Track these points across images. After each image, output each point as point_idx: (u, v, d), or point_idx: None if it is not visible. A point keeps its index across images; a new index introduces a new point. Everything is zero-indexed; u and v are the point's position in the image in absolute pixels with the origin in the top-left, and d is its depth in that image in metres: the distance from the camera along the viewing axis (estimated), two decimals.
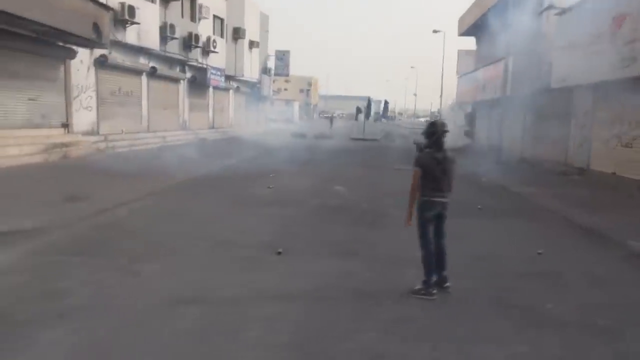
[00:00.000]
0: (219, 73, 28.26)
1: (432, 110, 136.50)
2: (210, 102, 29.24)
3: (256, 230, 7.51)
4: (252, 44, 34.57)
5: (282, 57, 43.34)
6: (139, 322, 4.14)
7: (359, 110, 41.13)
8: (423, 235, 5.20)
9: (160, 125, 22.27)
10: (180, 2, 22.56)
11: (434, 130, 5.22)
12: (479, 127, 28.73)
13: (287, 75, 47.56)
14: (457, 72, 32.37)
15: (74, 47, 15.41)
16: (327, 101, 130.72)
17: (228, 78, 30.65)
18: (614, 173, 13.39)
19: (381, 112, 56.27)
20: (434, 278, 5.09)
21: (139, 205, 9.10)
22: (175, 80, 24.03)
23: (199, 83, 26.36)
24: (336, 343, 3.87)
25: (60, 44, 14.86)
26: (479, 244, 7.33)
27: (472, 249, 6.96)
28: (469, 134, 30.45)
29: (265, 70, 39.40)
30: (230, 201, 9.91)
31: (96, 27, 14.25)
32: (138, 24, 18.38)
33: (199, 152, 19.17)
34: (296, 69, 42.51)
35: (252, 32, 33.97)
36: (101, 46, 15.46)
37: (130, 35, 18.56)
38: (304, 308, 4.59)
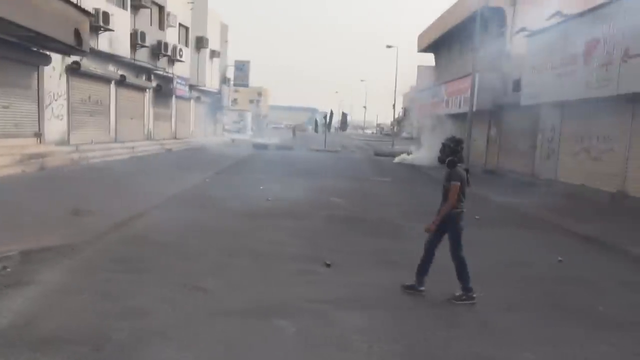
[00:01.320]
0: (183, 82, 27.75)
1: (378, 122, 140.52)
2: (173, 111, 28.62)
3: (286, 243, 7.54)
4: (213, 54, 34.19)
5: (242, 67, 43.08)
6: (241, 337, 4.14)
7: (316, 122, 41.60)
8: (459, 245, 5.43)
9: (127, 135, 21.57)
10: (149, 10, 22.06)
11: (462, 147, 5.58)
12: (438, 140, 29.83)
13: (247, 86, 47.32)
14: (417, 87, 33.53)
15: (49, 54, 14.75)
16: (273, 112, 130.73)
17: (190, 88, 30.14)
18: (583, 184, 14.41)
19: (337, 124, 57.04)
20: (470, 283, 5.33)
21: (150, 218, 8.86)
22: (142, 89, 23.39)
23: (163, 92, 25.75)
24: (444, 349, 4.06)
25: (35, 49, 14.17)
26: (498, 252, 7.76)
27: (495, 257, 7.38)
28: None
29: (224, 80, 39.02)
30: (237, 213, 9.83)
31: (77, 33, 13.72)
32: (112, 30, 17.82)
33: (172, 164, 18.79)
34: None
35: (213, 41, 33.60)
36: (81, 53, 14.88)
37: (102, 43, 17.95)
38: (392, 317, 4.74)
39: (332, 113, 33.79)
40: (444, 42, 27.90)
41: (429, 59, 34.01)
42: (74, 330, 4.09)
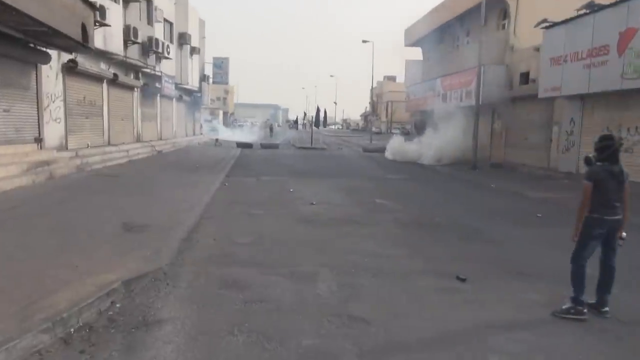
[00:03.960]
0: (170, 80, 26.40)
1: (344, 117, 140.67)
2: (158, 111, 27.17)
3: (389, 255, 6.76)
4: (193, 50, 32.78)
5: (221, 64, 41.63)
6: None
7: (297, 119, 40.91)
8: (581, 251, 4.87)
9: (119, 137, 20.18)
10: (138, 4, 20.69)
11: (610, 144, 4.87)
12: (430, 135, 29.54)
13: (227, 83, 45.93)
14: (405, 81, 33.26)
15: (47, 50, 13.40)
16: (238, 109, 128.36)
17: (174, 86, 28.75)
18: None
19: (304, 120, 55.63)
20: (584, 297, 4.78)
21: (211, 231, 8.00)
22: (131, 89, 21.93)
23: (150, 91, 24.36)
24: None
25: (32, 45, 12.81)
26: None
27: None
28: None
29: (203, 78, 37.57)
30: (296, 220, 9.10)
31: (83, 28, 12.48)
32: (109, 26, 16.48)
33: (174, 167, 17.72)
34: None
35: (194, 37, 32.22)
36: (86, 50, 13.58)
37: (97, 39, 16.53)
38: (599, 341, 4.18)
39: (318, 110, 32.88)
40: (437, 36, 27.66)
41: (411, 53, 33.78)
42: None
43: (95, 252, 6.20)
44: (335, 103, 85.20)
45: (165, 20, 25.70)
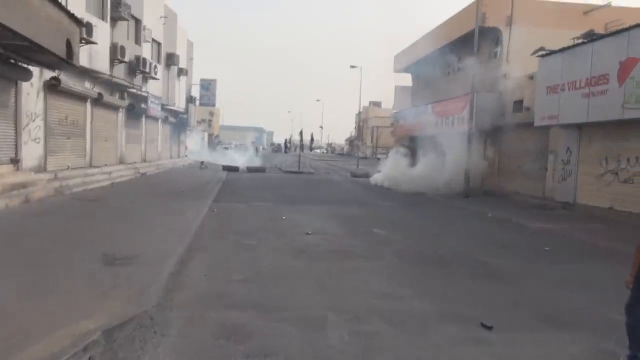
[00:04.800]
0: (157, 101, 25.75)
1: (329, 141, 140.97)
2: (143, 132, 26.42)
3: (398, 295, 6.14)
4: (181, 71, 32.32)
5: (208, 86, 41.13)
6: None
7: (285, 143, 40.59)
8: (637, 300, 4.38)
9: (101, 159, 19.37)
10: (127, 23, 20.17)
11: None
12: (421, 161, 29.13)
13: (214, 105, 45.36)
14: (394, 107, 33.12)
15: (28, 67, 12.73)
16: (222, 131, 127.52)
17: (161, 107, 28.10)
18: (612, 208, 14.00)
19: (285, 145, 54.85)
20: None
21: (201, 264, 7.33)
22: (115, 109, 21.22)
23: (135, 112, 23.65)
24: None
25: (12, 61, 12.13)
26: None
27: None
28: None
29: (190, 99, 37.00)
30: (292, 252, 8.47)
31: (68, 45, 11.86)
32: (95, 43, 15.90)
33: (160, 191, 17.01)
34: None
35: (182, 58, 31.78)
36: (69, 68, 12.94)
37: (82, 57, 15.91)
38: None
39: (312, 137, 32.75)
40: (427, 63, 27.59)
41: (400, 79, 33.82)
42: None
43: (71, 291, 5.50)
44: (321, 127, 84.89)
45: (154, 40, 25.22)
